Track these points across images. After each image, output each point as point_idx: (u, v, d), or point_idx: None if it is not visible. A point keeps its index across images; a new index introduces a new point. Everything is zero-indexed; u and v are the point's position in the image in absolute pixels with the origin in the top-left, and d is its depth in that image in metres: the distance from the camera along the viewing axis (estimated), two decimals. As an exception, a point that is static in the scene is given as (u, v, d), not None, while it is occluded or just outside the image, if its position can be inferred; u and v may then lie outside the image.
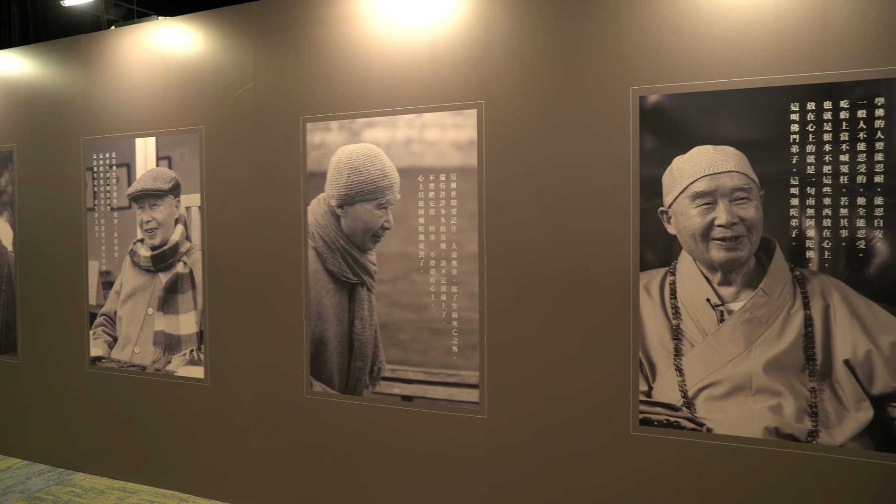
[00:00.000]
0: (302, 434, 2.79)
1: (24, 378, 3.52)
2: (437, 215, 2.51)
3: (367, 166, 2.60)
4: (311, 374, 2.75)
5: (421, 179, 2.53)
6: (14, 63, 3.45)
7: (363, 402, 2.65)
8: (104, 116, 3.20)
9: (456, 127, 2.47)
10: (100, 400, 3.28)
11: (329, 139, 2.68)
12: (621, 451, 2.26)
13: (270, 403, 2.85)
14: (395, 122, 2.56)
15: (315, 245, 2.72)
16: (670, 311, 2.20)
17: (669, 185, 2.18)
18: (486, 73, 2.42)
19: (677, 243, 2.18)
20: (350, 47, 2.64)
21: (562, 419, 2.34)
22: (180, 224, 3.03)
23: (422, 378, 2.55)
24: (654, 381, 2.22)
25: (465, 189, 2.46)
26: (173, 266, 3.05)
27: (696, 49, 2.14)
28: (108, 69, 3.18)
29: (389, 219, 2.58)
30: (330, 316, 2.70)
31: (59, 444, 3.41)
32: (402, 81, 2.55)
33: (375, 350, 2.63)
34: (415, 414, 2.57)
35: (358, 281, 2.64)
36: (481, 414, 2.46)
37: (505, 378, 2.42)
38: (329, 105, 2.68)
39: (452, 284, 2.49)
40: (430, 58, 2.50)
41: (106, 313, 3.25)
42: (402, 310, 2.57)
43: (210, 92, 2.93)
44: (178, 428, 3.07)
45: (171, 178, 3.04)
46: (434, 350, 2.53)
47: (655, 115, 2.19)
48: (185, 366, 3.04)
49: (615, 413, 2.27)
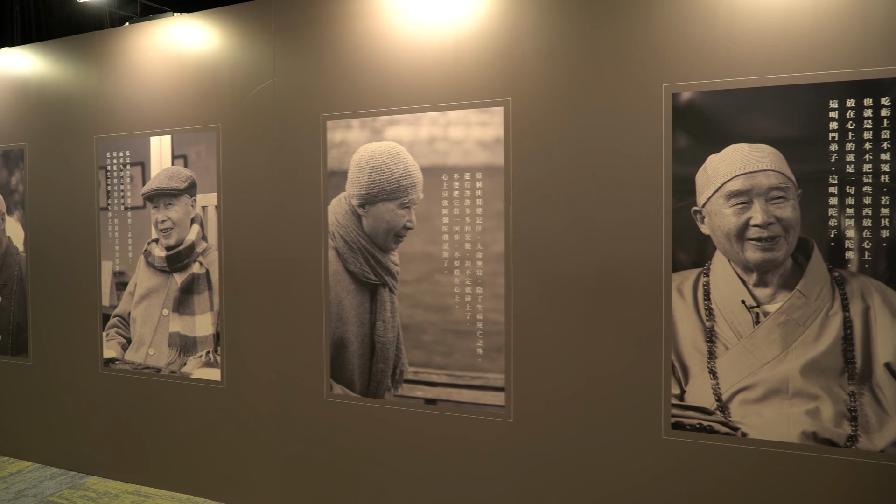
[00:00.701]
0: (321, 437, 2.74)
1: (35, 380, 3.47)
2: (461, 215, 2.46)
3: (390, 165, 2.55)
4: (331, 376, 2.70)
5: (445, 178, 2.48)
6: (25, 60, 3.40)
7: (385, 405, 2.60)
8: (118, 114, 3.15)
9: (481, 125, 2.42)
10: (113, 402, 3.23)
11: (350, 137, 2.63)
12: (652, 455, 2.22)
13: (289, 406, 2.80)
14: (419, 120, 2.51)
15: (335, 245, 2.67)
16: (704, 313, 2.15)
17: (703, 184, 2.13)
18: (512, 70, 2.37)
19: (711, 243, 2.13)
20: (371, 44, 2.59)
21: (591, 423, 2.29)
22: (196, 224, 2.98)
23: (446, 381, 2.51)
24: (687, 385, 2.17)
25: (491, 188, 2.41)
26: (189, 266, 3.00)
27: (732, 44, 2.09)
28: (122, 66, 3.13)
29: (412, 218, 2.53)
30: (351, 317, 2.65)
31: (70, 446, 3.36)
32: (425, 78, 2.50)
33: (398, 352, 2.58)
34: (438, 417, 2.52)
35: (380, 282, 2.59)
36: (507, 417, 2.41)
37: (532, 381, 2.37)
38: (350, 103, 2.63)
39: (477, 285, 2.44)
40: (455, 54, 2.45)
41: (119, 314, 3.20)
42: (426, 311, 2.52)
43: (227, 89, 2.88)
44: (194, 431, 3.02)
45: (186, 176, 2.99)
46: (458, 352, 2.48)
47: (688, 113, 2.14)
48: (200, 368, 2.99)
49: (646, 417, 2.22)
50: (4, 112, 3.49)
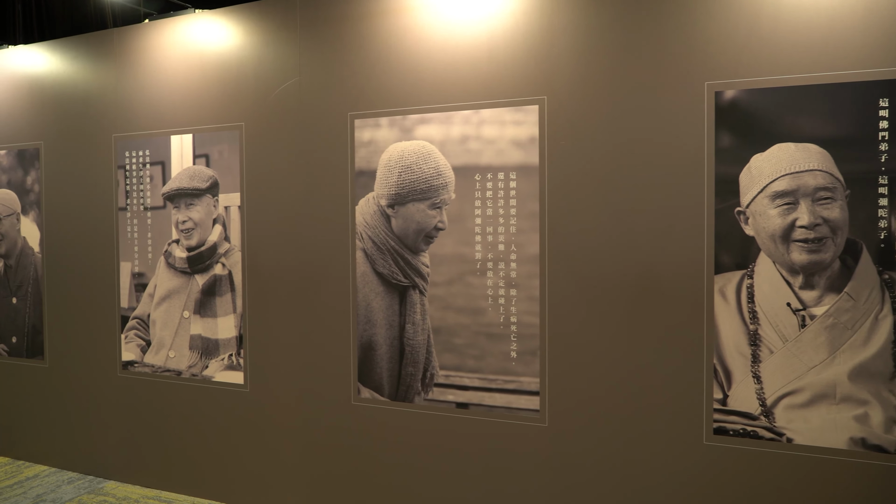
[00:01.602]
0: (348, 442, 2.69)
1: (51, 383, 3.41)
2: (494, 215, 2.41)
3: (420, 164, 2.50)
4: (358, 379, 2.65)
5: (478, 178, 2.43)
6: (41, 58, 3.34)
7: (415, 410, 2.56)
8: (137, 113, 3.10)
9: (516, 123, 2.37)
10: (131, 406, 3.18)
11: (379, 136, 2.58)
12: (694, 461, 2.17)
13: (315, 410, 2.75)
14: (451, 119, 2.46)
15: (363, 246, 2.62)
16: (747, 316, 2.10)
17: (747, 185, 2.09)
18: (548, 67, 2.32)
19: (755, 245, 2.09)
20: (401, 41, 2.54)
21: (629, 428, 2.25)
22: (218, 224, 2.93)
23: (478, 384, 2.46)
24: (730, 389, 2.12)
25: (526, 188, 2.36)
26: (211, 267, 2.95)
27: (777, 41, 2.04)
28: (142, 64, 3.08)
29: (444, 219, 2.48)
30: (379, 320, 2.60)
31: (88, 450, 3.31)
32: (457, 76, 2.45)
33: (428, 355, 2.53)
34: (470, 422, 2.47)
35: (409, 283, 2.54)
36: (542, 422, 2.37)
37: (567, 385, 2.33)
38: (378, 101, 2.58)
39: (511, 287, 2.40)
40: (488, 51, 2.40)
41: (139, 316, 3.14)
42: (457, 313, 2.48)
43: (251, 88, 2.83)
44: (216, 435, 2.97)
45: (208, 176, 2.94)
46: (491, 355, 2.43)
47: (732, 112, 2.10)
48: (223, 371, 2.94)
49: (687, 422, 2.17)
50: (20, 111, 3.43)
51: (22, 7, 4.44)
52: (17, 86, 3.43)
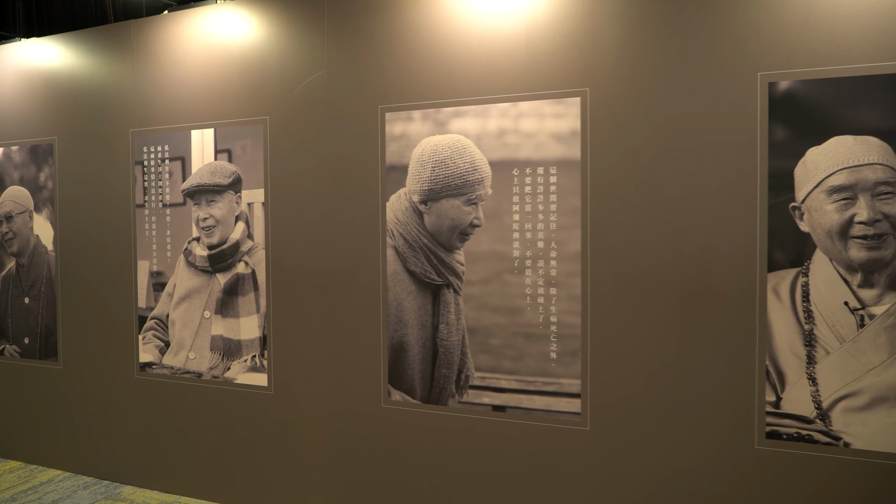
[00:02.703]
0: (378, 446, 2.60)
1: (66, 385, 3.32)
2: (533, 211, 2.33)
3: (455, 159, 2.42)
4: (389, 381, 2.57)
5: (516, 173, 2.35)
6: (54, 52, 3.25)
7: (448, 413, 2.47)
8: (156, 107, 3.01)
9: (556, 116, 2.29)
10: (150, 408, 3.09)
11: (411, 130, 2.50)
12: (744, 466, 2.09)
13: (343, 413, 2.66)
14: (487, 112, 2.38)
15: (395, 244, 2.53)
16: (802, 316, 2.02)
17: (802, 179, 2.01)
18: (590, 58, 2.24)
19: (811, 242, 2.01)
20: (434, 31, 2.45)
21: (675, 431, 2.17)
22: (241, 221, 2.84)
23: (515, 386, 2.37)
24: (784, 391, 2.04)
25: (567, 183, 2.28)
26: (233, 266, 2.86)
27: (835, 29, 1.96)
28: (161, 56, 2.99)
29: (479, 215, 2.40)
30: (411, 320, 2.52)
31: (105, 454, 3.22)
32: (494, 67, 2.37)
33: (463, 356, 2.45)
34: (507, 425, 2.39)
35: (443, 282, 2.46)
36: (583, 425, 2.28)
37: (610, 387, 2.24)
38: (411, 93, 2.49)
39: (551, 286, 2.31)
40: (527, 41, 2.31)
41: (157, 317, 3.05)
42: (494, 313, 2.39)
43: (275, 80, 2.74)
44: (239, 439, 2.88)
45: (231, 172, 2.85)
46: (529, 357, 2.35)
47: (787, 103, 2.02)
48: (245, 373, 2.85)
49: (738, 425, 2.09)
50: (33, 105, 3.34)
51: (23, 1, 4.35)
52: (30, 79, 3.34)
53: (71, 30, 3.31)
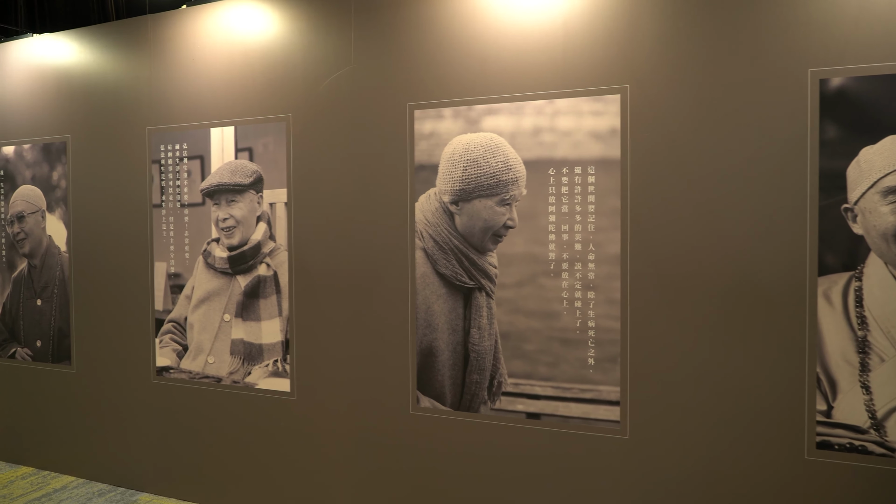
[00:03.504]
0: (405, 454, 2.52)
1: (79, 389, 3.24)
2: (570, 212, 2.25)
3: (488, 158, 2.34)
4: (417, 388, 2.49)
5: (552, 173, 2.27)
6: (67, 48, 3.17)
7: (480, 420, 2.39)
8: (174, 105, 2.93)
9: (595, 114, 2.21)
10: (167, 414, 3.01)
11: (441, 128, 2.42)
12: (793, 477, 2.01)
13: (369, 420, 2.58)
14: (522, 109, 2.30)
15: (424, 245, 2.46)
16: (855, 321, 1.95)
17: (856, 179, 1.93)
18: (631, 54, 2.16)
19: (864, 244, 1.93)
20: (465, 25, 2.37)
21: (720, 440, 2.09)
22: (263, 222, 2.76)
23: (551, 393, 2.30)
24: (835, 400, 1.97)
25: (605, 183, 2.20)
26: (254, 268, 2.78)
27: (890, 24, 1.89)
28: (178, 52, 2.91)
29: (514, 216, 2.32)
30: (441, 324, 2.44)
31: (120, 461, 3.14)
32: (529, 63, 2.29)
33: (495, 362, 2.37)
34: (542, 433, 2.31)
35: (475, 285, 2.38)
36: (623, 434, 2.21)
37: (651, 394, 2.17)
38: (441, 90, 2.42)
39: (589, 290, 2.24)
40: (564, 36, 2.24)
41: (175, 319, 2.97)
42: (528, 318, 2.31)
43: (299, 77, 2.66)
44: (260, 446, 2.80)
45: (252, 171, 2.77)
46: (566, 362, 2.27)
47: (839, 101, 1.94)
48: (267, 378, 2.77)
49: (786, 435, 2.02)
50: (45, 102, 3.26)
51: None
52: (42, 76, 3.25)
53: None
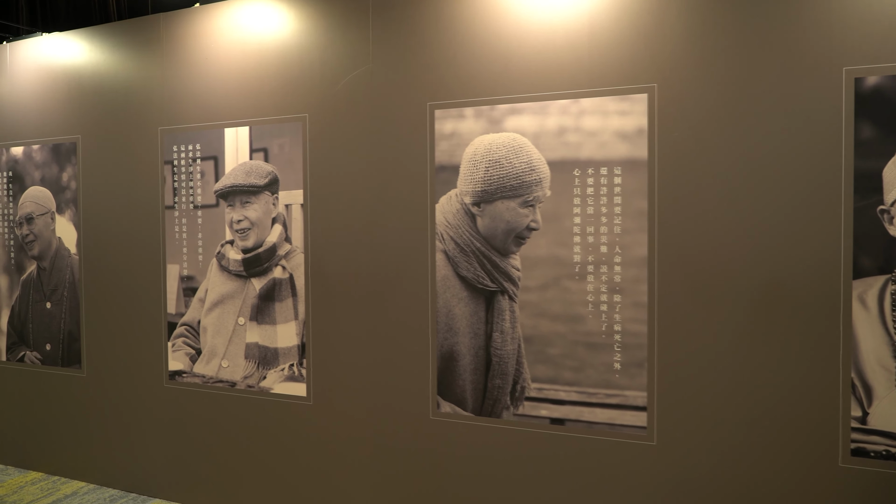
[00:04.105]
0: (425, 460, 2.48)
1: (90, 393, 3.19)
2: (596, 214, 2.20)
3: (511, 158, 2.30)
4: (438, 392, 2.44)
5: (577, 173, 2.22)
6: (77, 47, 3.12)
7: (503, 426, 2.35)
8: (186, 104, 2.88)
9: (621, 114, 2.16)
10: (179, 418, 2.96)
11: (463, 128, 2.37)
12: (827, 485, 1.97)
13: (387, 425, 2.54)
14: (546, 109, 2.25)
15: (444, 248, 2.41)
16: (891, 326, 1.90)
17: (892, 180, 1.89)
18: (658, 52, 2.11)
19: (901, 247, 1.89)
20: (488, 23, 2.33)
21: (750, 447, 2.05)
22: (278, 224, 2.71)
23: (576, 399, 2.25)
24: (871, 406, 1.92)
25: (632, 184, 2.16)
26: (270, 270, 2.73)
27: (930, 22, 1.84)
28: (191, 51, 2.86)
29: (537, 218, 2.28)
30: (462, 327, 2.39)
31: (130, 466, 3.09)
32: (553, 62, 2.24)
33: (518, 366, 2.32)
34: (567, 439, 2.26)
35: (497, 288, 2.34)
36: (649, 440, 2.16)
37: (679, 399, 2.12)
38: (462, 90, 2.37)
39: (615, 293, 2.19)
40: (590, 34, 2.19)
41: (188, 323, 2.92)
42: (553, 321, 2.27)
43: (315, 76, 2.61)
44: (275, 451, 2.76)
45: (267, 172, 2.72)
46: (591, 367, 2.23)
47: (875, 100, 1.90)
48: (283, 382, 2.73)
49: (820, 442, 1.97)
50: (55, 103, 3.21)
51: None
52: (52, 76, 3.21)
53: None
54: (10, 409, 3.43)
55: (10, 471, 3.35)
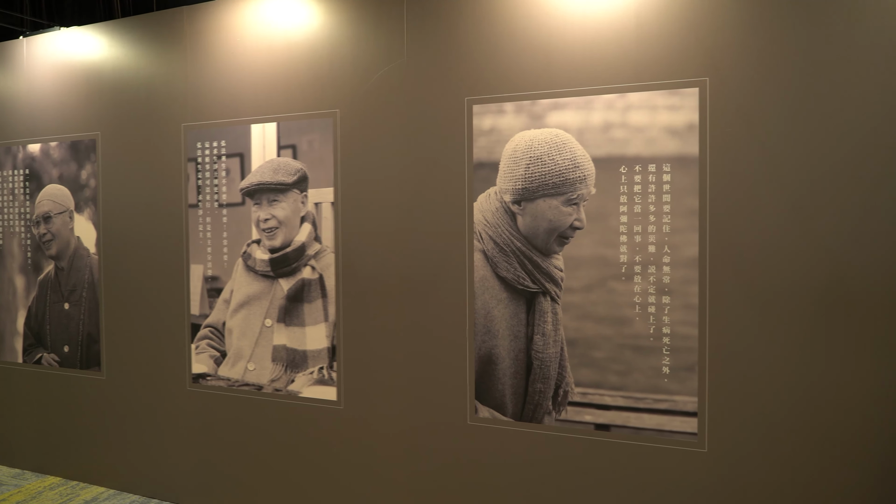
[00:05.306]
0: (462, 467, 2.40)
1: (109, 396, 3.11)
2: (643, 213, 2.13)
3: (553, 155, 2.22)
4: (476, 397, 2.37)
5: (623, 170, 2.15)
6: (96, 42, 3.04)
7: (544, 431, 2.27)
8: (211, 100, 2.80)
9: (670, 109, 2.09)
10: (203, 423, 2.88)
11: (502, 124, 2.30)
12: (893, 498, 1.89)
13: (422, 430, 2.46)
14: (591, 104, 2.18)
15: (483, 247, 2.33)
16: (959, 328, 1.83)
17: (961, 177, 1.81)
18: (710, 44, 2.04)
19: (970, 247, 1.81)
20: (528, 15, 2.25)
21: (808, 456, 1.97)
22: (307, 223, 2.63)
23: (622, 404, 2.18)
24: (937, 412, 1.85)
25: (682, 181, 2.08)
26: (298, 271, 2.65)
27: None
28: (216, 46, 2.78)
29: (581, 217, 2.20)
30: (501, 330, 2.32)
31: (152, 471, 3.01)
32: (599, 55, 2.17)
33: (561, 370, 2.25)
34: (612, 445, 2.19)
35: (539, 289, 2.26)
36: (700, 447, 2.09)
37: (732, 405, 2.05)
38: (502, 84, 2.29)
39: (663, 294, 2.11)
40: (637, 25, 2.11)
41: (212, 324, 2.85)
42: (597, 324, 2.19)
43: (347, 70, 2.53)
44: (303, 457, 2.68)
45: (296, 169, 2.64)
46: (638, 371, 2.15)
47: (943, 93, 1.82)
48: (312, 385, 2.65)
49: (885, 451, 1.90)
50: (73, 99, 3.13)
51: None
52: (70, 71, 3.13)
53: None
54: (27, 413, 3.36)
55: (28, 475, 3.28)
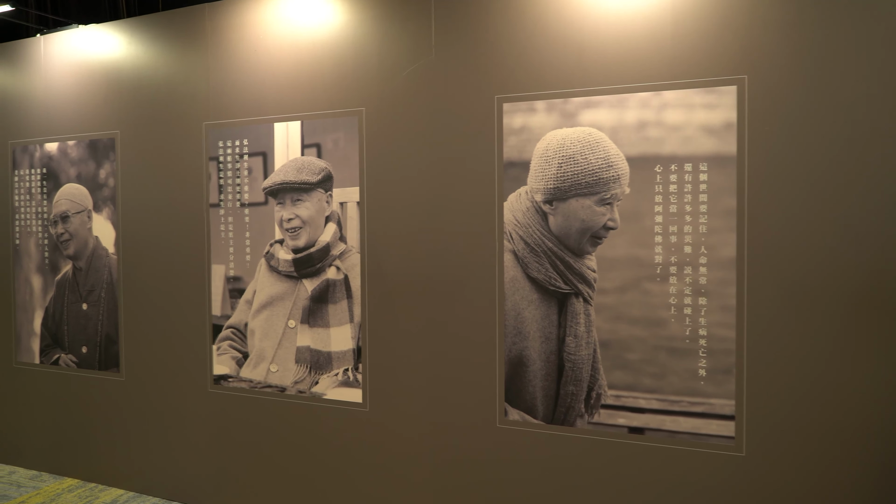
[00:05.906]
0: (492, 471, 2.37)
1: (128, 398, 3.09)
2: (679, 213, 2.09)
3: (586, 154, 2.19)
4: (505, 399, 2.34)
5: (658, 170, 2.11)
6: (115, 40, 3.01)
7: (576, 434, 2.24)
8: (233, 98, 2.77)
9: (707, 107, 2.05)
10: (224, 425, 2.85)
11: (533, 122, 2.26)
12: (934, 499, 1.86)
13: (450, 433, 2.43)
14: (625, 102, 2.14)
15: (513, 248, 2.30)
16: None
17: None
18: (749, 41, 2.00)
19: None
20: (561, 11, 2.22)
21: (849, 461, 1.94)
22: (332, 222, 2.60)
23: (656, 406, 2.14)
24: (983, 416, 1.81)
25: (719, 181, 2.05)
26: (323, 271, 2.62)
27: None
28: (238, 43, 2.75)
29: (615, 217, 2.16)
30: (532, 331, 2.29)
31: (172, 474, 2.98)
32: (632, 52, 2.13)
33: (594, 372, 2.21)
34: (647, 449, 2.16)
35: (571, 290, 2.23)
36: (738, 451, 2.05)
37: (770, 408, 2.01)
38: (533, 82, 2.26)
39: (700, 295, 2.08)
40: (673, 22, 2.08)
41: (234, 325, 2.82)
42: (632, 325, 2.16)
43: (372, 68, 2.50)
44: (327, 460, 2.65)
45: (320, 168, 2.61)
46: (674, 373, 2.12)
47: None
48: (336, 388, 2.62)
49: (927, 453, 1.87)
50: (92, 97, 3.10)
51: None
52: (89, 69, 3.10)
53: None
54: (44, 414, 3.33)
55: (46, 477, 3.25)
